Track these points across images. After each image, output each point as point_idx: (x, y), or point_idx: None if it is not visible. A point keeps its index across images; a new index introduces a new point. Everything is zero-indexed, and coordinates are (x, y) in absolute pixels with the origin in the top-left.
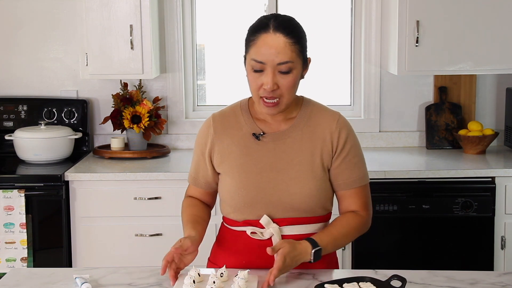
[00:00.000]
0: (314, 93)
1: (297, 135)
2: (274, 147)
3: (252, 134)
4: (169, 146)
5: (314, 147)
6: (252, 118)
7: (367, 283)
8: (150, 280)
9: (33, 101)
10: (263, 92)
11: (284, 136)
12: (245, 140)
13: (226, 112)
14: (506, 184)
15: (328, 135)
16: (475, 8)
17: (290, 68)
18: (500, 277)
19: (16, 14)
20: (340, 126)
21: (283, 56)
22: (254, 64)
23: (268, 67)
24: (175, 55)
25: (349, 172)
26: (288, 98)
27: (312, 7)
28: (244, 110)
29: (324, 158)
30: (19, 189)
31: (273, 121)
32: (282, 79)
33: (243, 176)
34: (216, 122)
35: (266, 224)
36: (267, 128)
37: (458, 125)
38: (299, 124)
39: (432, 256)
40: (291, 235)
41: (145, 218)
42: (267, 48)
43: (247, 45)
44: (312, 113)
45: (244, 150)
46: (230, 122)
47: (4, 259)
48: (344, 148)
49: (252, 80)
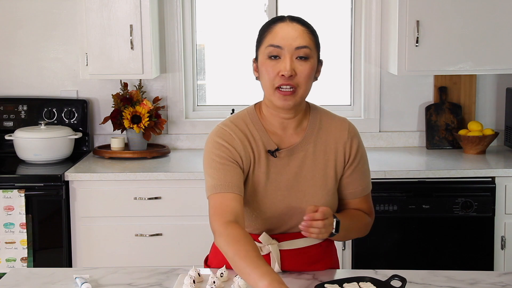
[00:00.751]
0: (314, 93)
1: (309, 148)
2: (288, 162)
3: (267, 151)
4: (169, 146)
5: (327, 159)
6: (265, 131)
7: (367, 283)
8: (150, 280)
9: (33, 101)
10: (279, 80)
11: (297, 150)
12: (261, 155)
13: (236, 122)
14: (506, 184)
15: (341, 145)
16: (475, 8)
17: (308, 54)
18: (500, 277)
19: (16, 14)
20: (352, 135)
21: (302, 40)
22: (270, 50)
23: (285, 52)
24: (175, 55)
25: (359, 181)
26: (304, 90)
27: (312, 7)
28: (255, 121)
29: (338, 169)
30: (19, 189)
31: (284, 133)
32: (300, 66)
33: (256, 192)
34: (233, 131)
35: (265, 241)
36: (280, 141)
37: (458, 125)
38: (311, 136)
39: (432, 256)
40: (290, 249)
41: (145, 218)
42: (285, 33)
43: (261, 38)
44: (322, 122)
45: (262, 168)
46: (245, 134)
47: (4, 259)
48: (356, 158)
49: (267, 69)
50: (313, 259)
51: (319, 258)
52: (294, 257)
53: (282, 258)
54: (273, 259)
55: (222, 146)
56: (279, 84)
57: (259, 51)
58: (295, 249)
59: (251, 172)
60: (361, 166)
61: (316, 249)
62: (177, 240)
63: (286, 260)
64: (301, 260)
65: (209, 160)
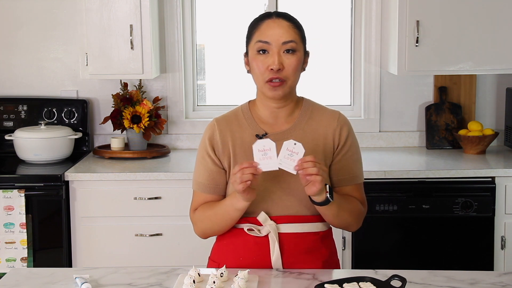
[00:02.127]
0: (314, 93)
1: (298, 133)
2: (277, 146)
3: (255, 135)
4: (169, 146)
5: (315, 145)
6: (255, 120)
7: (367, 283)
8: (150, 280)
9: (33, 101)
10: (268, 74)
11: (286, 136)
12: (248, 141)
13: (228, 115)
14: (506, 184)
15: (330, 132)
16: (475, 8)
17: (294, 48)
18: (500, 277)
19: (16, 14)
20: (341, 124)
21: (288, 35)
22: (259, 45)
23: (273, 47)
24: (175, 55)
25: (350, 168)
26: (292, 81)
27: (312, 7)
28: (246, 112)
29: (327, 154)
30: (19, 189)
31: (275, 122)
32: (287, 59)
33: None
34: (220, 125)
35: (263, 221)
36: (269, 129)
37: (458, 125)
38: (300, 123)
39: (432, 256)
40: (288, 233)
41: (145, 218)
42: (272, 29)
43: (250, 34)
44: (313, 113)
45: (248, 152)
46: (233, 125)
47: (4, 259)
48: (345, 145)
49: (257, 63)
50: (311, 246)
51: (317, 247)
52: (292, 241)
53: (281, 241)
54: (272, 239)
55: (203, 141)
56: (269, 78)
57: (249, 46)
58: (292, 234)
59: (234, 158)
60: (351, 154)
61: (314, 236)
62: (177, 240)
63: (284, 243)
64: (299, 245)
65: (198, 151)
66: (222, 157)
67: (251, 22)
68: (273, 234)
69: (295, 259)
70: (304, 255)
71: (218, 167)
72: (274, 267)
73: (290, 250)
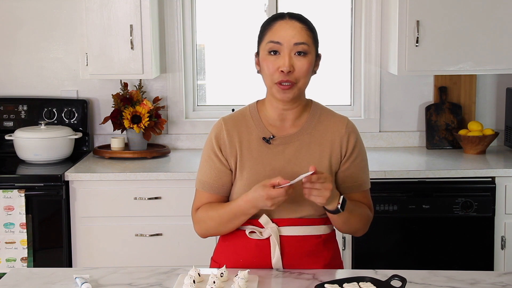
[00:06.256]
0: (314, 93)
1: (305, 138)
2: (283, 149)
3: (262, 138)
4: (169, 146)
5: (322, 150)
6: (262, 121)
7: (367, 283)
8: (150, 280)
9: (33, 101)
10: (279, 76)
11: (293, 139)
12: (255, 143)
13: (235, 116)
14: (506, 184)
15: (338, 139)
16: (475, 8)
17: (306, 50)
18: (500, 277)
19: (16, 14)
20: (350, 130)
21: (300, 37)
22: (271, 45)
23: (284, 48)
24: (175, 55)
25: (357, 175)
26: (302, 83)
27: (312, 7)
28: (254, 114)
29: (333, 162)
30: (19, 189)
31: (283, 124)
32: (298, 62)
33: (252, 178)
34: (227, 124)
35: (265, 223)
36: (276, 132)
37: (458, 125)
38: (308, 128)
39: (432, 256)
40: (290, 235)
41: (145, 218)
42: (284, 30)
43: (262, 34)
44: (321, 117)
45: (254, 154)
46: (241, 126)
47: (4, 259)
48: (353, 152)
49: (268, 64)
50: (313, 249)
51: (319, 250)
52: (294, 244)
53: (282, 244)
54: (273, 243)
55: (210, 140)
56: (279, 80)
57: (260, 46)
58: (294, 237)
59: (240, 159)
60: (359, 162)
61: (316, 239)
62: (177, 240)
63: (286, 246)
64: (301, 248)
65: (203, 150)
66: (229, 157)
67: (264, 22)
68: (274, 237)
69: (296, 262)
70: (305, 258)
71: (225, 167)
72: (275, 268)
73: (291, 253)
